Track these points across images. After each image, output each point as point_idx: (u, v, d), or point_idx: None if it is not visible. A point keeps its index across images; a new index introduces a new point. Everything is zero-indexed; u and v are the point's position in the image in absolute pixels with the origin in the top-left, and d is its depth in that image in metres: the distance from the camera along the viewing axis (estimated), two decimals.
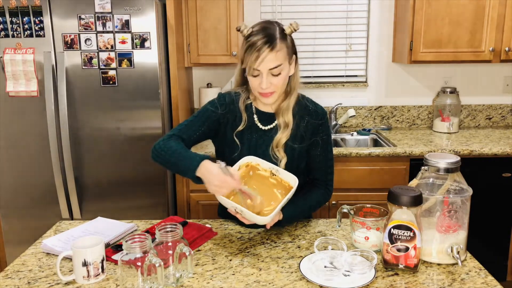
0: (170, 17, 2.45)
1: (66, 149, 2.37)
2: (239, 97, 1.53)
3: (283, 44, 1.39)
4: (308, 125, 1.51)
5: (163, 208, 2.51)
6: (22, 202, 2.48)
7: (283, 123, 1.48)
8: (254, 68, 1.37)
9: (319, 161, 1.54)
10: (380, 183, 2.51)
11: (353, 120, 3.17)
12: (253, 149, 1.50)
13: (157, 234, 1.17)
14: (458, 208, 1.25)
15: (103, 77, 2.35)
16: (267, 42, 1.35)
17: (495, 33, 2.67)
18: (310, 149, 1.53)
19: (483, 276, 1.20)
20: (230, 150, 1.52)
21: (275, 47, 1.36)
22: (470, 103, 3.15)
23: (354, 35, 3.11)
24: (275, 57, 1.36)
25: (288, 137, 1.48)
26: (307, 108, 1.53)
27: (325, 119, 1.55)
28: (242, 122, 1.50)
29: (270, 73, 1.38)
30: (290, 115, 1.48)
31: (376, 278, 1.18)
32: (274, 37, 1.37)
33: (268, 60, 1.36)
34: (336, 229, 1.51)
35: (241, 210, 1.28)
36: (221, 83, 3.13)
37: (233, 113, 1.52)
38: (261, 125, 1.52)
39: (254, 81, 1.42)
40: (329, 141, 1.56)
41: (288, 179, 1.39)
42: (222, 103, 1.53)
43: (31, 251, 1.38)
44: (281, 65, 1.38)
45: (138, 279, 1.09)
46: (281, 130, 1.48)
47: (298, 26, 1.43)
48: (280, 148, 1.47)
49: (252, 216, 1.28)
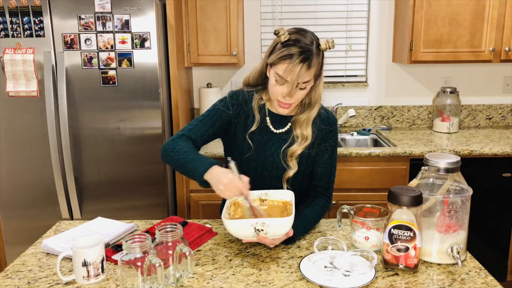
0: (170, 17, 2.45)
1: (66, 149, 2.37)
2: (252, 97, 1.51)
3: (317, 60, 1.35)
4: (319, 132, 1.50)
5: (163, 208, 2.51)
6: (22, 202, 2.48)
7: (301, 135, 1.46)
8: (284, 78, 1.34)
9: (324, 167, 1.53)
10: (380, 183, 2.51)
11: (353, 120, 3.17)
12: (262, 150, 1.49)
13: (157, 234, 1.17)
14: (458, 208, 1.25)
15: (103, 77, 2.35)
16: (304, 59, 1.31)
17: (495, 33, 2.67)
18: (318, 154, 1.52)
19: (483, 276, 1.20)
20: (240, 151, 1.51)
21: (310, 64, 1.32)
22: (470, 103, 3.15)
23: (354, 35, 3.11)
24: (307, 73, 1.33)
25: (304, 150, 1.46)
26: (320, 114, 1.51)
27: (335, 126, 1.54)
28: (255, 123, 1.48)
29: (298, 86, 1.35)
30: (309, 129, 1.46)
31: (376, 278, 1.18)
32: (311, 53, 1.32)
33: (301, 74, 1.32)
34: (336, 229, 1.51)
35: (263, 222, 1.18)
36: (221, 83, 3.13)
37: (246, 113, 1.50)
38: (273, 128, 1.50)
39: (277, 88, 1.38)
40: (336, 150, 1.55)
41: (281, 196, 1.37)
42: (234, 103, 1.50)
43: (31, 251, 1.38)
44: (310, 81, 1.37)
45: (138, 279, 1.09)
46: (298, 142, 1.46)
47: (334, 44, 1.38)
48: (294, 158, 1.46)
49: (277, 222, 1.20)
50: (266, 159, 1.49)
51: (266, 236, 1.22)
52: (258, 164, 1.50)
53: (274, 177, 1.50)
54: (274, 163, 1.49)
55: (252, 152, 1.49)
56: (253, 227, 1.19)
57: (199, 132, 1.47)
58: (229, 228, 1.23)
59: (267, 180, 1.51)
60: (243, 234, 1.23)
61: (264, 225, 1.19)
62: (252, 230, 1.20)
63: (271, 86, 1.40)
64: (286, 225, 1.22)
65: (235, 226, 1.22)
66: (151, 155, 2.44)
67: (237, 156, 1.51)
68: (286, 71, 1.32)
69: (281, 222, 1.21)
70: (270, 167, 1.50)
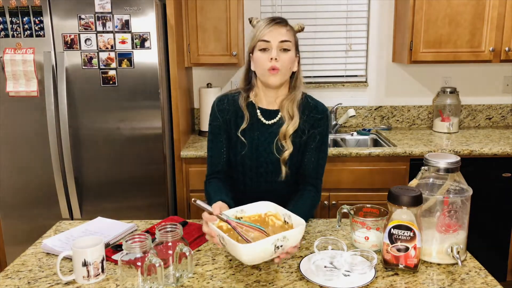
0: (170, 17, 2.45)
1: (66, 149, 2.37)
2: (239, 96, 1.54)
3: (292, 31, 1.48)
4: (308, 119, 1.53)
5: (163, 208, 2.51)
6: (22, 202, 2.48)
7: (287, 115, 1.49)
8: (264, 39, 1.42)
9: (312, 154, 1.53)
10: (380, 183, 2.51)
11: (353, 120, 3.17)
12: (255, 147, 1.51)
13: (157, 234, 1.17)
14: (458, 208, 1.25)
15: (103, 77, 2.35)
16: (279, 20, 1.45)
17: (495, 33, 2.67)
18: (307, 142, 1.53)
19: (483, 276, 1.20)
20: (235, 151, 1.53)
21: (285, 25, 1.46)
22: (470, 103, 3.15)
23: (354, 35, 3.11)
24: (286, 32, 1.44)
25: (295, 128, 1.49)
26: (308, 103, 1.55)
27: (325, 115, 1.56)
28: (245, 120, 1.51)
29: (280, 46, 1.42)
30: (295, 107, 1.49)
31: (376, 278, 1.18)
32: (285, 19, 1.47)
33: (279, 32, 1.43)
34: (336, 229, 1.51)
35: (284, 236, 1.09)
36: (221, 83, 3.13)
37: (234, 113, 1.53)
38: (264, 119, 1.52)
39: (262, 57, 1.44)
40: (325, 140, 1.56)
41: (256, 210, 1.29)
42: (221, 109, 1.54)
43: (31, 251, 1.38)
44: (290, 42, 1.44)
45: (138, 279, 1.09)
46: (286, 121, 1.49)
47: (303, 26, 1.54)
48: (288, 139, 1.49)
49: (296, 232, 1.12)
50: (260, 155, 1.51)
51: (283, 250, 1.13)
52: (252, 161, 1.52)
53: (270, 172, 1.52)
54: (269, 158, 1.51)
55: (246, 150, 1.51)
56: (274, 245, 1.08)
57: (217, 160, 1.55)
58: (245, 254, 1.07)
59: (263, 177, 1.53)
60: (261, 256, 1.11)
61: (285, 239, 1.10)
62: (272, 249, 1.09)
63: (258, 61, 1.46)
64: (301, 233, 1.16)
65: (255, 249, 1.07)
66: (151, 155, 2.44)
67: (233, 156, 1.54)
68: (266, 33, 1.42)
69: (300, 231, 1.14)
70: (265, 163, 1.52)
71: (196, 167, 2.54)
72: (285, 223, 1.26)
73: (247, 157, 1.52)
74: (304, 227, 1.17)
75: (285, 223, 1.26)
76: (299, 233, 1.16)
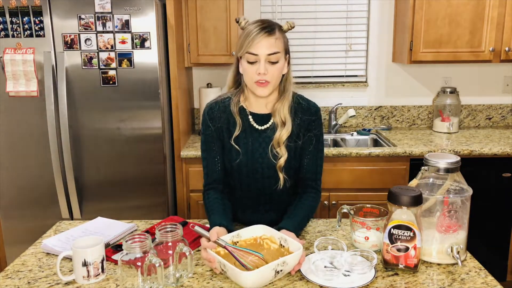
0: (170, 17, 2.45)
1: (66, 149, 2.37)
2: (229, 101, 1.50)
3: (281, 35, 1.41)
4: (302, 122, 1.50)
5: (163, 208, 2.51)
6: (22, 202, 2.48)
7: (279, 121, 1.46)
8: (252, 52, 1.36)
9: (310, 157, 1.51)
10: (380, 183, 2.51)
11: (353, 120, 3.17)
12: (250, 153, 1.48)
13: (157, 234, 1.17)
14: (458, 208, 1.25)
15: (103, 77, 2.35)
16: (265, 28, 1.37)
17: (495, 33, 2.67)
18: (304, 146, 1.51)
19: (483, 276, 1.20)
20: (229, 158, 1.50)
21: (274, 33, 1.38)
22: (470, 103, 3.15)
23: (354, 35, 3.11)
24: (274, 43, 1.37)
25: (289, 133, 1.46)
26: (300, 105, 1.51)
27: (318, 115, 1.53)
28: (237, 127, 1.47)
29: (268, 59, 1.37)
30: (286, 112, 1.46)
31: (376, 278, 1.18)
32: (273, 26, 1.39)
33: (267, 45, 1.36)
34: (336, 229, 1.51)
35: (283, 261, 1.13)
36: (221, 83, 3.12)
37: (226, 121, 1.50)
38: (256, 125, 1.49)
39: (250, 69, 1.39)
40: (321, 140, 1.54)
41: (251, 234, 1.31)
42: (212, 117, 1.50)
43: (31, 251, 1.38)
44: (279, 53, 1.38)
45: (138, 279, 1.09)
46: (279, 128, 1.46)
47: (294, 24, 1.46)
48: (282, 145, 1.46)
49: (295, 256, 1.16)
50: (255, 161, 1.48)
51: (283, 274, 1.18)
52: (248, 168, 1.49)
53: (266, 178, 1.50)
54: (264, 163, 1.48)
55: (241, 157, 1.48)
56: (274, 270, 1.12)
57: (212, 169, 1.52)
58: (247, 281, 1.11)
59: (260, 183, 1.51)
60: (262, 281, 1.13)
61: (284, 264, 1.14)
62: (273, 274, 1.13)
63: (246, 71, 1.41)
64: (300, 256, 1.19)
65: (256, 276, 1.10)
66: (151, 155, 2.44)
67: (228, 164, 1.51)
68: (253, 45, 1.36)
69: (298, 254, 1.17)
70: (261, 169, 1.49)
71: (196, 167, 2.54)
72: (281, 247, 1.27)
73: (243, 164, 1.49)
74: (301, 251, 1.18)
75: (281, 246, 1.27)
76: (298, 257, 1.18)
